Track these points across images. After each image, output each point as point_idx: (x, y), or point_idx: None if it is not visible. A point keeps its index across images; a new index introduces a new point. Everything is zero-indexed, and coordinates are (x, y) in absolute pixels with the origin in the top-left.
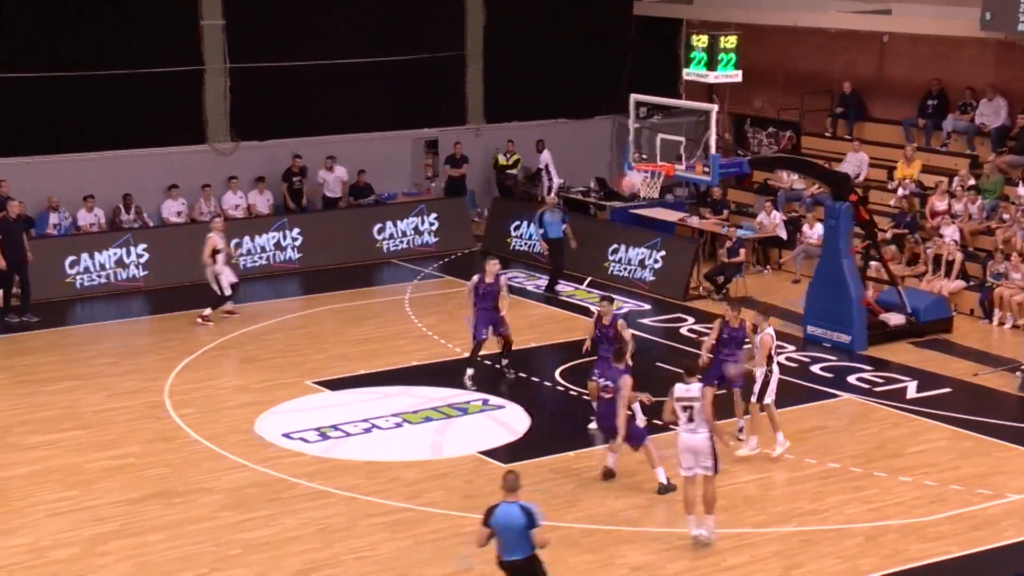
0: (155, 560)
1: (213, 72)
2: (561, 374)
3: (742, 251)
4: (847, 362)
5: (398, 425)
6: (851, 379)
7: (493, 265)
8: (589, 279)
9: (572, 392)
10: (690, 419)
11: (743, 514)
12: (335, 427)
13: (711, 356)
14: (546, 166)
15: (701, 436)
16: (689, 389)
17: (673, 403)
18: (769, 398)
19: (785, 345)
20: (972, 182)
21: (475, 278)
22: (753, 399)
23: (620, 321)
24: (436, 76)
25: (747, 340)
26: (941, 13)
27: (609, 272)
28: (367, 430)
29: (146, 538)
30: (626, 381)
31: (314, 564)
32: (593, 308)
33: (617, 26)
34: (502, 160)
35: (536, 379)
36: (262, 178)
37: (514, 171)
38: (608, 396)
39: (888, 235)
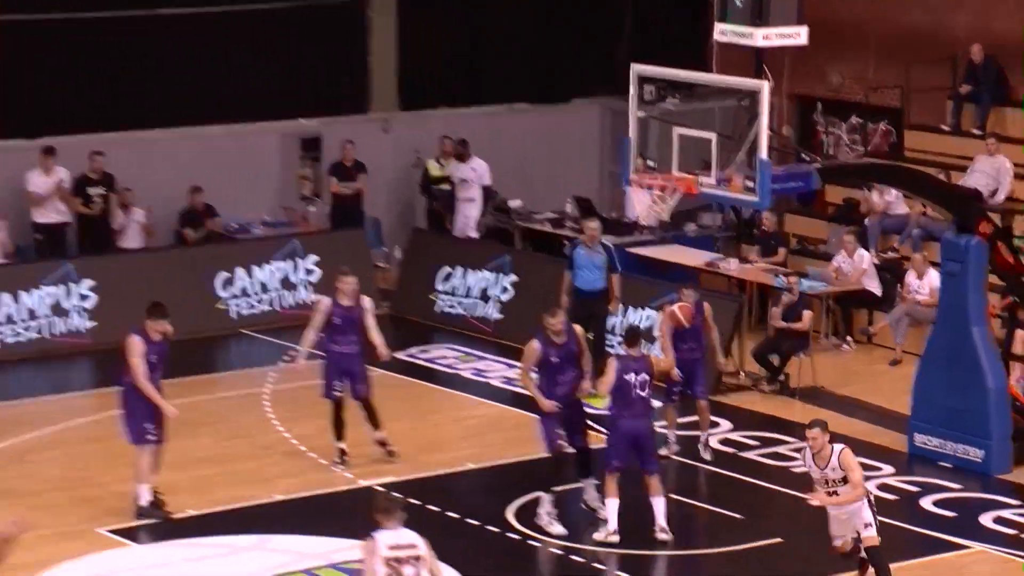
0: None
1: None
2: (515, 514)
3: (807, 314)
4: (980, 492)
5: None
6: (986, 520)
7: (347, 283)
8: None
9: (532, 542)
10: None
11: None
12: None
13: None
14: (475, 183)
15: None
16: (400, 535)
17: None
18: None
19: (880, 465)
20: None
21: (325, 301)
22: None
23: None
24: (320, 36)
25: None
26: None
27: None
28: None
29: None
30: None
31: None
32: None
33: None
34: (435, 169)
35: (475, 521)
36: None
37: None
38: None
39: None
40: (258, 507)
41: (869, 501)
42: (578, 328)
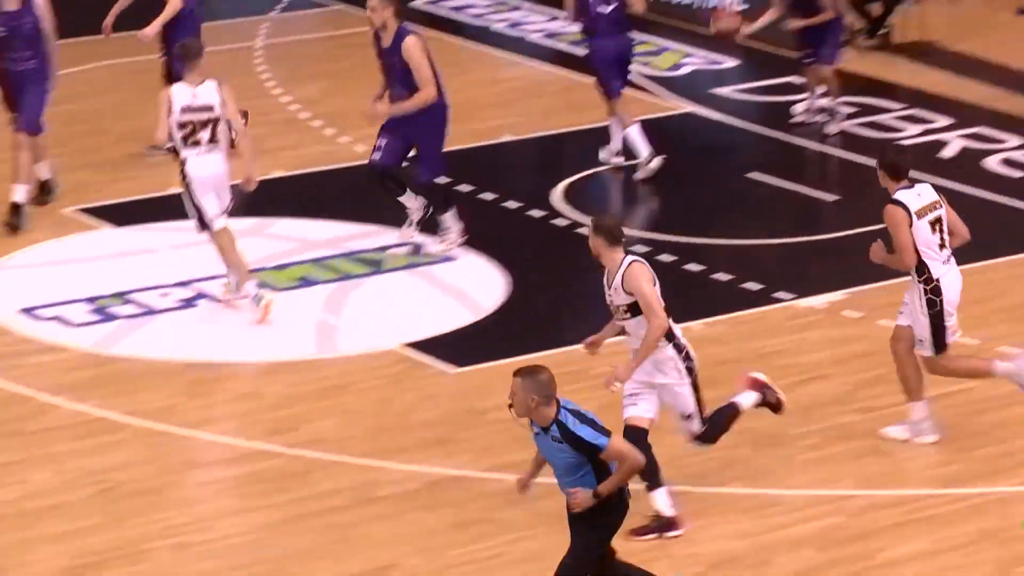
0: None
1: None
2: (563, 194)
3: None
4: None
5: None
6: None
7: None
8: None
9: (580, 229)
10: (211, 139)
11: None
12: (124, 296)
13: None
14: None
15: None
16: (197, 94)
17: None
18: None
19: (1004, 136)
20: None
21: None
22: None
23: None
24: None
25: None
26: None
27: None
28: (189, 302)
29: None
30: None
31: (90, 557)
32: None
33: None
34: None
35: (515, 203)
36: None
37: None
38: None
39: None
40: (257, 186)
41: (692, 375)
42: (412, 45)
